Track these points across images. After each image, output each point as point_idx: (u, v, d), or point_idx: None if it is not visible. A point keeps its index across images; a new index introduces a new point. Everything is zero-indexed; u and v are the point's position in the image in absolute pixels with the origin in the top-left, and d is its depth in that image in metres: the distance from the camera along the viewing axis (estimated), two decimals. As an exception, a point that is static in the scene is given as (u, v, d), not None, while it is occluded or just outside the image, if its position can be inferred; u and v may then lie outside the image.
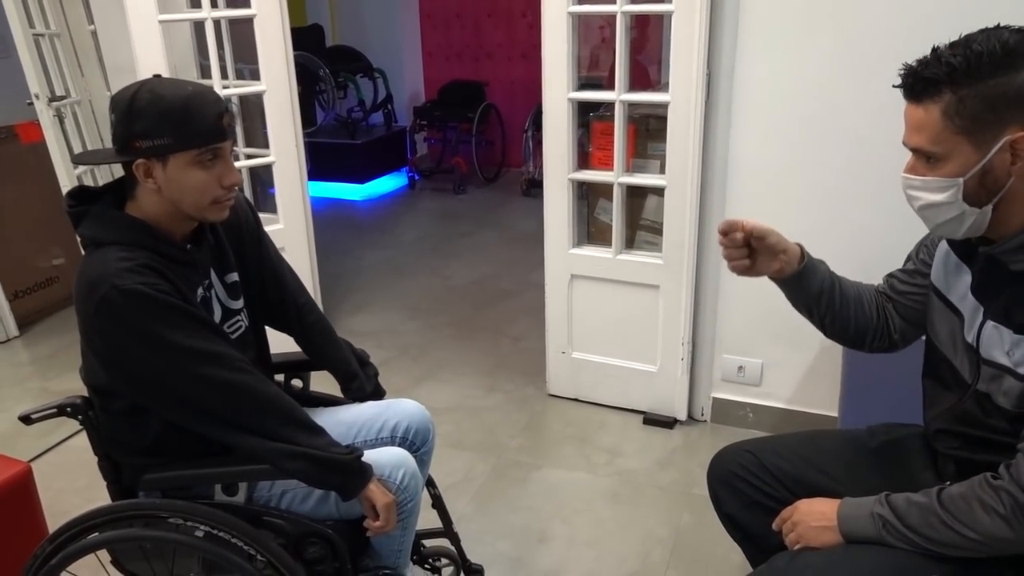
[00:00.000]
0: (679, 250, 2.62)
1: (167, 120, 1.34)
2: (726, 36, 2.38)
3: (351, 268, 4.50)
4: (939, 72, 1.11)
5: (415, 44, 6.54)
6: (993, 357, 1.21)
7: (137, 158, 1.36)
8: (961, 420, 1.30)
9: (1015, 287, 1.20)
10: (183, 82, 1.41)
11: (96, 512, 1.46)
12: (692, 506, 2.39)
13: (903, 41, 2.20)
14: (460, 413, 2.96)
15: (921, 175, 1.20)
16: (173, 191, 1.39)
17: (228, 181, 1.42)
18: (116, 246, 1.37)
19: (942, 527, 1.17)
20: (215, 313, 1.53)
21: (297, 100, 3.09)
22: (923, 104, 1.14)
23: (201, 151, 1.37)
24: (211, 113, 1.37)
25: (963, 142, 1.13)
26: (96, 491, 1.65)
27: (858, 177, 2.37)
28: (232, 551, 1.41)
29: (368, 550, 1.61)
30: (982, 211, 1.17)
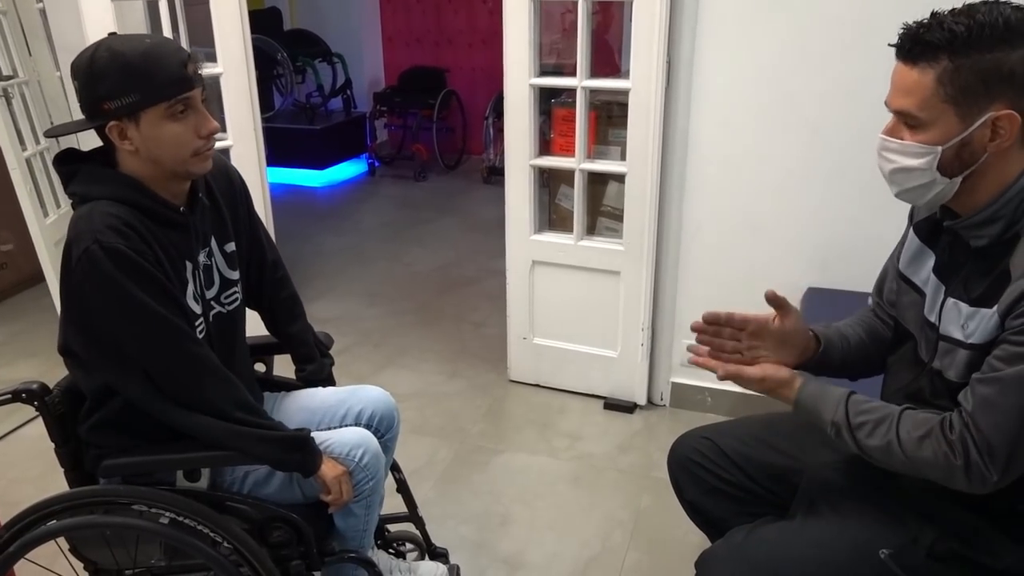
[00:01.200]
0: (639, 236, 2.65)
1: (130, 76, 1.31)
2: (686, 24, 2.41)
3: (311, 255, 4.46)
4: (940, 37, 1.10)
5: (375, 29, 6.48)
6: (949, 332, 1.23)
7: (108, 121, 1.33)
8: (912, 398, 1.32)
9: (973, 263, 1.22)
10: (140, 36, 1.37)
11: (55, 499, 1.44)
12: (652, 489, 2.43)
13: (856, 30, 2.25)
14: (422, 399, 2.97)
15: (900, 138, 1.19)
16: (151, 148, 1.36)
17: (205, 130, 1.39)
18: (104, 201, 1.35)
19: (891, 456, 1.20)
20: (214, 282, 1.52)
21: (255, 83, 3.05)
22: (918, 66, 1.13)
23: (171, 103, 1.33)
24: (174, 63, 1.33)
25: (949, 111, 1.13)
26: (50, 480, 1.62)
27: (813, 162, 2.42)
28: (196, 537, 1.41)
29: (333, 533, 1.61)
30: (951, 182, 1.17)
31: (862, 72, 2.27)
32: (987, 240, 1.19)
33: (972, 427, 1.13)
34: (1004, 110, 1.11)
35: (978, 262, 1.21)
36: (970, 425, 1.13)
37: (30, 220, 2.93)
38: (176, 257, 1.42)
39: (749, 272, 2.59)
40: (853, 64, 2.28)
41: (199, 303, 1.48)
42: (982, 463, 1.11)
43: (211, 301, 1.52)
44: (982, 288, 1.18)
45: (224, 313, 1.55)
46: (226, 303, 1.56)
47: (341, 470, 1.52)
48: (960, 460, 1.13)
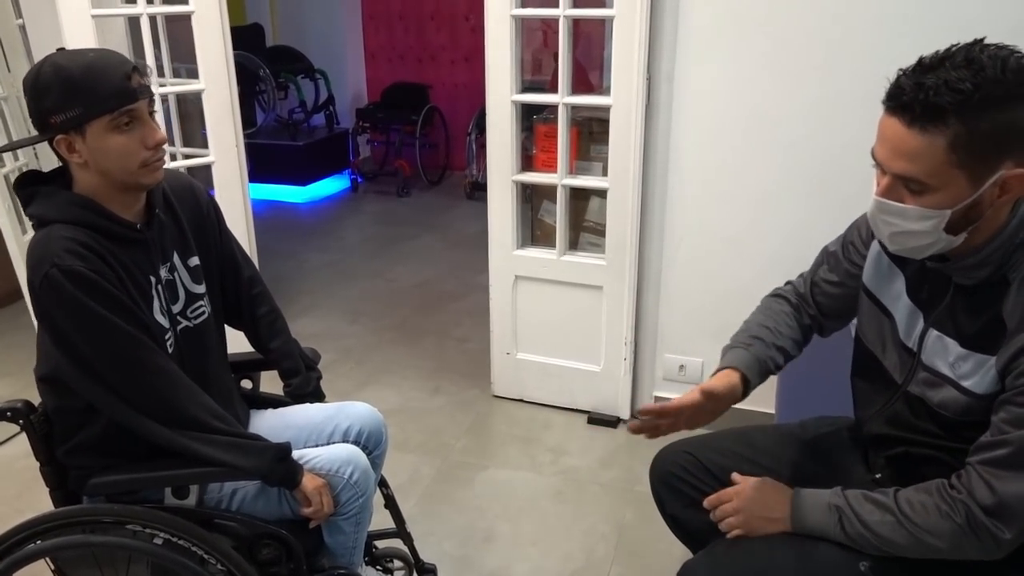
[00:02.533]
0: (621, 251, 2.66)
1: (73, 90, 1.32)
2: (666, 41, 2.44)
3: (293, 271, 4.45)
4: (951, 100, 1.01)
5: (357, 45, 6.50)
6: (935, 365, 1.22)
7: (56, 134, 1.34)
8: (894, 423, 1.32)
9: (958, 298, 1.20)
10: (85, 50, 1.38)
11: (41, 519, 1.42)
12: (635, 503, 2.43)
13: (833, 48, 2.29)
14: (405, 415, 2.96)
15: (899, 200, 1.11)
16: (99, 161, 1.36)
17: (152, 141, 1.39)
18: (60, 224, 1.35)
19: (898, 526, 1.19)
20: (179, 296, 1.52)
21: (237, 99, 3.04)
22: (926, 132, 1.04)
23: (115, 115, 1.34)
24: (117, 75, 1.34)
25: (960, 176, 1.06)
26: (28, 500, 1.60)
27: (792, 177, 2.45)
28: (184, 555, 1.40)
29: (322, 550, 1.60)
30: (954, 239, 1.12)
31: (839, 89, 2.31)
32: (974, 281, 1.17)
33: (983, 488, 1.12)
34: (1015, 169, 1.06)
35: (963, 298, 1.19)
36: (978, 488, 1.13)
37: (8, 237, 2.91)
38: (138, 274, 1.42)
39: (730, 286, 2.61)
40: (831, 81, 2.32)
41: (166, 317, 1.48)
42: (989, 523, 1.12)
43: (177, 316, 1.52)
44: (974, 329, 1.17)
45: (191, 327, 1.55)
46: (192, 317, 1.55)
47: (321, 482, 1.52)
48: (961, 519, 1.14)
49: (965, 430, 1.18)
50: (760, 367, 1.44)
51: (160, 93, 2.86)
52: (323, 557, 1.60)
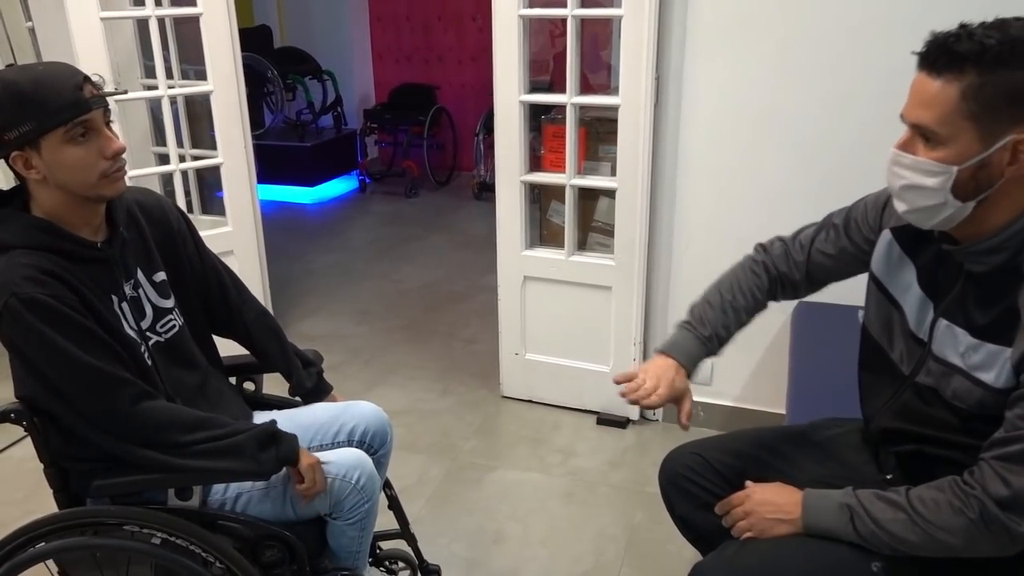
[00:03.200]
0: (630, 251, 2.65)
1: (23, 105, 1.29)
2: (674, 40, 2.43)
3: (301, 272, 4.45)
4: (970, 49, 1.05)
5: (364, 46, 6.50)
6: (945, 356, 1.22)
7: (10, 151, 1.32)
8: (904, 416, 1.31)
9: (969, 287, 1.19)
10: (34, 64, 1.37)
11: (44, 520, 1.42)
12: (645, 504, 2.42)
13: (842, 47, 2.28)
14: (413, 416, 2.95)
15: (913, 153, 1.13)
16: (57, 176, 1.34)
17: (109, 151, 1.36)
18: (19, 250, 1.33)
19: (911, 524, 1.18)
20: (146, 313, 1.50)
21: (246, 101, 3.05)
22: (942, 77, 1.07)
23: (68, 127, 1.31)
24: (67, 87, 1.32)
25: (970, 129, 1.07)
26: (36, 502, 1.60)
27: (801, 177, 2.44)
28: (187, 557, 1.39)
29: (326, 551, 1.59)
30: (963, 206, 1.12)
31: (848, 88, 2.29)
32: (987, 268, 1.16)
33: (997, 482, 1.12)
34: None
35: (975, 286, 1.19)
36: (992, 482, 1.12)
37: None
38: (101, 293, 1.41)
39: (740, 286, 2.60)
40: (840, 81, 2.30)
41: (134, 332, 1.46)
42: (1004, 518, 1.11)
43: (147, 331, 1.50)
44: (987, 320, 1.16)
45: (163, 342, 1.53)
46: (162, 331, 1.53)
47: (314, 459, 1.50)
48: (975, 514, 1.13)
49: (979, 423, 1.17)
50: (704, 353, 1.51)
51: (168, 95, 2.87)
52: (327, 559, 1.59)
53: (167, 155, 2.98)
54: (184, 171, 3.04)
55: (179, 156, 2.98)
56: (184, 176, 3.04)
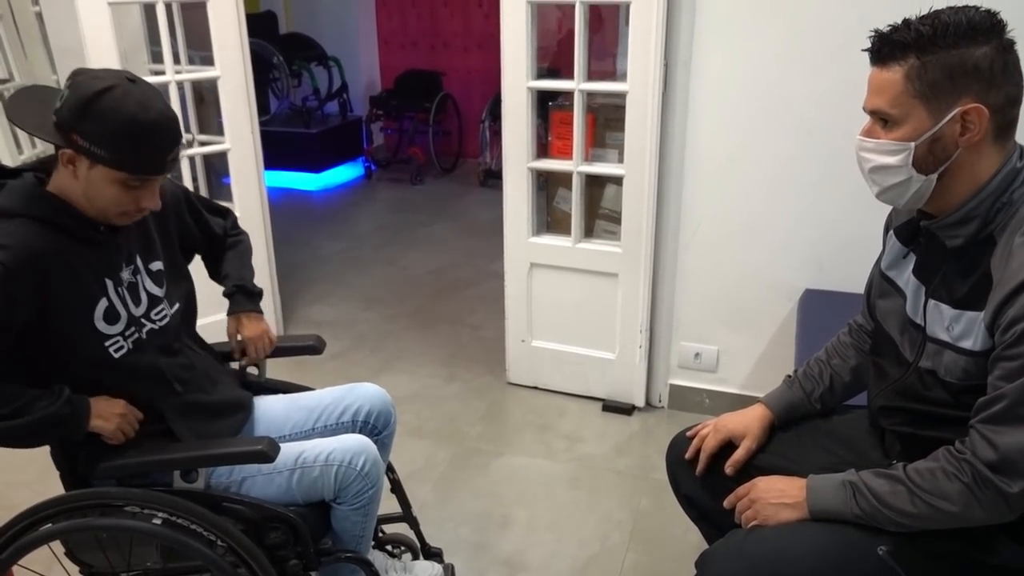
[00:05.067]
0: (637, 239, 2.65)
1: (115, 137, 1.30)
2: (683, 27, 2.41)
3: (308, 258, 4.45)
4: (907, 37, 1.17)
5: (370, 32, 6.48)
6: (935, 334, 1.26)
7: (68, 148, 1.33)
8: (903, 395, 1.34)
9: (950, 263, 1.25)
10: (151, 102, 1.33)
11: (50, 502, 1.43)
12: (650, 490, 2.43)
13: (850, 33, 2.24)
14: (419, 402, 2.96)
15: (876, 138, 1.24)
16: (88, 190, 1.36)
17: (146, 205, 1.41)
18: (22, 218, 1.34)
19: (909, 496, 1.20)
20: (141, 300, 1.51)
21: (253, 86, 3.04)
22: (888, 67, 1.19)
23: (132, 177, 1.35)
24: (162, 148, 1.34)
25: (919, 106, 1.17)
26: (46, 484, 1.61)
27: (809, 164, 2.42)
28: (192, 537, 1.40)
29: (329, 534, 1.60)
30: (927, 179, 1.21)
31: (856, 74, 2.23)
32: (962, 240, 1.22)
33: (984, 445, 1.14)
34: (971, 104, 1.15)
35: (955, 263, 1.24)
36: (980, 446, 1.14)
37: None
38: (91, 274, 1.41)
39: (747, 274, 2.60)
40: (847, 66, 2.27)
41: (119, 322, 1.45)
42: (995, 479, 1.13)
43: (141, 318, 1.50)
44: (964, 290, 1.22)
45: (156, 329, 1.53)
46: (156, 319, 1.54)
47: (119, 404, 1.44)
48: (968, 478, 1.15)
49: (969, 396, 1.20)
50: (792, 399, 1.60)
51: (176, 80, 2.86)
52: (330, 541, 1.60)
53: (174, 140, 2.98)
54: (191, 157, 3.04)
55: (186, 142, 2.98)
56: (191, 162, 3.04)
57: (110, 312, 1.44)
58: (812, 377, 1.59)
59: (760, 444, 1.54)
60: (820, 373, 1.59)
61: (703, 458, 1.55)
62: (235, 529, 1.43)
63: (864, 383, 1.54)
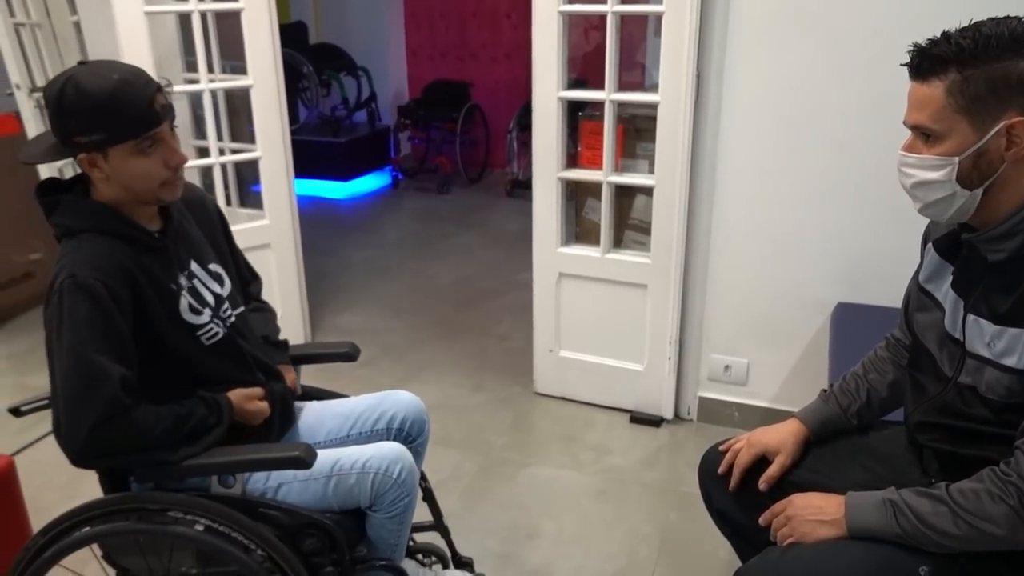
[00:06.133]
0: (667, 250, 2.64)
1: (97, 116, 1.32)
2: (716, 38, 2.41)
3: (335, 267, 4.48)
4: (947, 51, 1.14)
5: (399, 43, 6.53)
6: (975, 350, 1.24)
7: (79, 152, 1.36)
8: (942, 411, 1.32)
9: (991, 277, 1.23)
10: (108, 70, 1.36)
11: (90, 505, 1.44)
12: (679, 504, 2.41)
13: (886, 45, 2.24)
14: (446, 412, 2.96)
15: (918, 153, 1.21)
16: (121, 179, 1.39)
17: (173, 162, 1.41)
18: (89, 233, 1.38)
19: (952, 517, 1.18)
20: (207, 300, 1.52)
21: (284, 95, 3.08)
22: (928, 82, 1.17)
23: (138, 140, 1.35)
24: (141, 101, 1.34)
25: (962, 121, 1.15)
26: (78, 487, 1.63)
27: (841, 177, 2.40)
28: (229, 543, 1.40)
29: (364, 542, 1.60)
30: (972, 194, 1.19)
31: (891, 87, 2.21)
32: (1005, 254, 1.21)
33: None
34: (1017, 117, 1.13)
35: (996, 277, 1.22)
36: None
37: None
38: (161, 279, 1.44)
39: (778, 286, 2.58)
40: (882, 79, 2.26)
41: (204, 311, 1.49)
42: None
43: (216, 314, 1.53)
44: (1007, 305, 1.19)
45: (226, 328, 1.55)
46: (224, 317, 1.56)
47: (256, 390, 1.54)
48: (1014, 501, 1.13)
49: (1011, 414, 1.18)
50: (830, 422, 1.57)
51: (209, 89, 2.90)
52: (365, 548, 1.60)
53: (207, 148, 3.02)
54: (223, 164, 3.07)
55: (218, 150, 3.01)
56: (223, 169, 3.07)
57: (192, 307, 1.48)
58: (849, 392, 1.56)
59: (795, 460, 1.52)
60: (857, 388, 1.56)
61: (736, 473, 1.53)
62: (272, 536, 1.44)
63: (901, 399, 1.51)
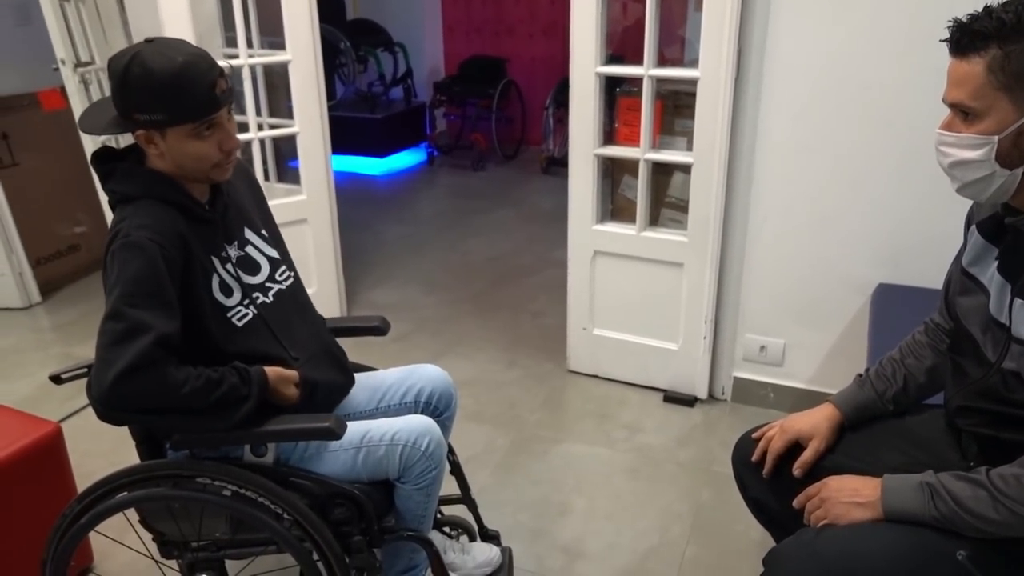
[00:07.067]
0: (704, 228, 2.60)
1: (159, 96, 1.35)
2: (758, 12, 2.35)
3: (371, 242, 4.51)
4: (988, 26, 1.11)
5: (436, 18, 6.50)
6: (1022, 335, 1.20)
7: (137, 128, 1.39)
8: (983, 396, 1.29)
9: None
10: (174, 51, 1.36)
11: (125, 472, 1.48)
12: (712, 483, 2.39)
13: (934, 20, 2.15)
14: (479, 387, 2.97)
15: (957, 131, 1.18)
16: (176, 157, 1.42)
17: (227, 147, 1.44)
18: (146, 200, 1.41)
19: (992, 501, 1.16)
20: (260, 267, 1.56)
21: (322, 71, 3.08)
22: (968, 58, 1.13)
23: (197, 124, 1.38)
24: (203, 85, 1.36)
25: (1003, 99, 1.12)
26: (122, 454, 1.66)
27: (885, 154, 2.34)
28: (260, 510, 1.43)
29: (393, 512, 1.62)
30: (1012, 174, 1.16)
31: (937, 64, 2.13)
32: None
33: None
34: None
35: None
36: None
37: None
38: (203, 252, 1.46)
39: (817, 267, 2.53)
40: (929, 55, 2.16)
41: (234, 294, 1.50)
42: None
43: (264, 283, 1.56)
44: None
45: (284, 290, 1.60)
46: (281, 280, 1.60)
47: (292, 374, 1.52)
48: None
49: None
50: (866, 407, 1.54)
51: (248, 64, 2.91)
52: (393, 519, 1.62)
53: (246, 124, 3.04)
54: (261, 140, 3.09)
55: (257, 124, 3.03)
56: (261, 145, 3.09)
57: (224, 285, 1.49)
58: (885, 377, 1.53)
59: (829, 445, 1.50)
60: (894, 373, 1.53)
61: (770, 460, 1.52)
62: (302, 504, 1.46)
63: (940, 384, 1.48)
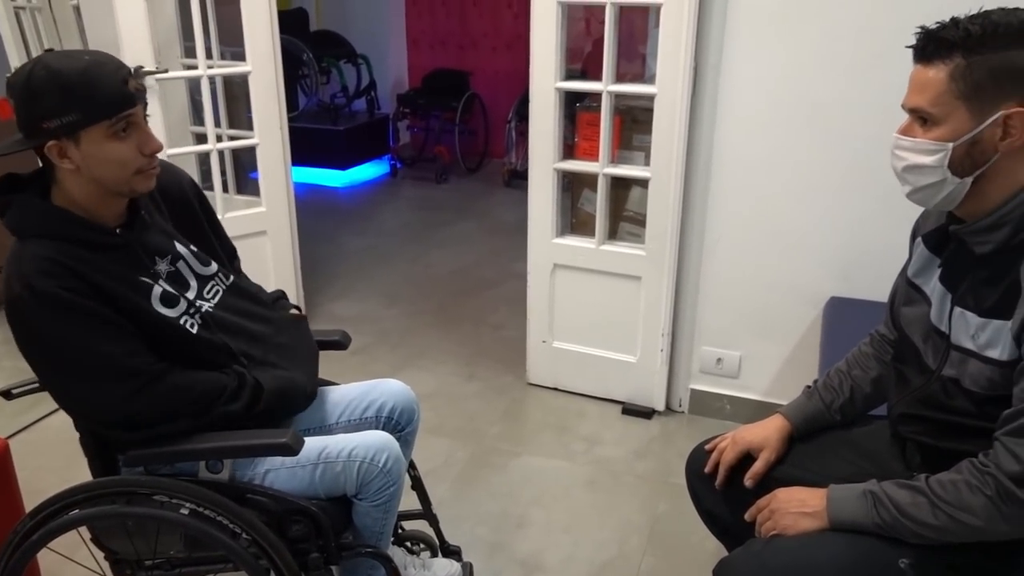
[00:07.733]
0: (661, 242, 2.64)
1: (69, 95, 1.28)
2: (714, 30, 2.40)
3: (332, 254, 4.48)
4: (955, 35, 1.14)
5: (400, 31, 6.51)
6: (960, 342, 1.24)
7: (47, 140, 1.30)
8: (924, 403, 1.33)
9: (977, 270, 1.23)
10: (79, 53, 1.34)
11: (78, 488, 1.45)
12: (669, 495, 2.42)
13: (883, 40, 2.24)
14: (439, 400, 2.97)
15: (913, 136, 1.21)
16: (92, 168, 1.34)
17: (148, 149, 1.37)
18: (36, 239, 1.34)
19: (931, 508, 1.19)
20: (189, 284, 1.51)
21: (283, 82, 3.07)
22: (932, 65, 1.16)
23: (112, 121, 1.31)
24: (115, 80, 1.31)
25: (961, 107, 1.15)
26: (74, 471, 1.63)
27: (838, 171, 2.41)
28: (215, 528, 1.41)
29: (350, 529, 1.61)
30: (962, 182, 1.19)
31: (888, 81, 2.24)
32: (992, 246, 1.21)
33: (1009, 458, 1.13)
34: (1015, 108, 1.13)
35: (983, 269, 1.22)
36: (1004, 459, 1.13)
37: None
38: (123, 275, 1.40)
39: (771, 280, 2.58)
40: (879, 74, 2.27)
41: (179, 304, 1.47)
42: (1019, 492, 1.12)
43: (195, 301, 1.50)
44: (993, 299, 1.19)
45: (211, 310, 1.53)
46: (209, 298, 1.54)
47: None
48: (991, 491, 1.14)
49: (992, 407, 1.19)
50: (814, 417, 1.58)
51: (208, 75, 2.89)
52: (351, 535, 1.61)
53: (204, 135, 3.02)
54: (220, 151, 3.07)
55: (216, 136, 3.01)
56: (220, 156, 3.07)
57: (167, 296, 1.45)
58: (832, 388, 1.57)
59: (779, 455, 1.53)
60: (840, 384, 1.57)
61: (722, 471, 1.54)
62: (259, 521, 1.45)
63: (884, 395, 1.52)
